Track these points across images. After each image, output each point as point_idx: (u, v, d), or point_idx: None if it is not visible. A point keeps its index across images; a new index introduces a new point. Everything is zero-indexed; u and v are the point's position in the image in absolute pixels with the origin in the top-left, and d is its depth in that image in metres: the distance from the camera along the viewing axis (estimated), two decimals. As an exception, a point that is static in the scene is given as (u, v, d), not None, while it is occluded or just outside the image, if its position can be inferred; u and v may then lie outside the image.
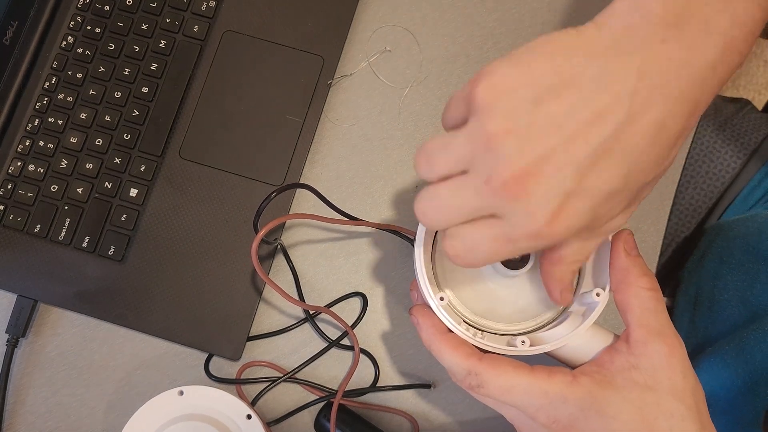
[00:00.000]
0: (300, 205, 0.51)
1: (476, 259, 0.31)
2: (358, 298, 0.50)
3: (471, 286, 0.40)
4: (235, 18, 0.53)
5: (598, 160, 0.28)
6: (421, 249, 0.39)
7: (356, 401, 0.49)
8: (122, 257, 0.49)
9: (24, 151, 0.51)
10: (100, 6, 0.53)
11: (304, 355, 0.49)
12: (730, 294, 0.53)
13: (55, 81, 0.52)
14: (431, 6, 0.54)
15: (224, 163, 0.51)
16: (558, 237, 0.29)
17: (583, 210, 0.29)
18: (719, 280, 0.55)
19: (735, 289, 0.53)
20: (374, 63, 0.54)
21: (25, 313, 0.49)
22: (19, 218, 0.50)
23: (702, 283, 0.57)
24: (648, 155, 0.28)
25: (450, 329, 0.38)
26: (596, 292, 0.36)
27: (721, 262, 0.55)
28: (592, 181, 0.28)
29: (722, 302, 0.54)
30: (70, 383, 0.49)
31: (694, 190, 0.62)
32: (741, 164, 0.61)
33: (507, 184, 0.28)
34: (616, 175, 0.28)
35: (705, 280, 0.56)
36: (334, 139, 0.52)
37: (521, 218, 0.29)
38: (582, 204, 0.28)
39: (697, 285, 0.57)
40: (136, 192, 0.50)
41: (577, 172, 0.28)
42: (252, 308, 0.49)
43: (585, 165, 0.28)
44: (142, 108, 0.51)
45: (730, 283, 0.54)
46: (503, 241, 0.30)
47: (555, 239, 0.29)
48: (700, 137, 0.62)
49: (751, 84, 1.28)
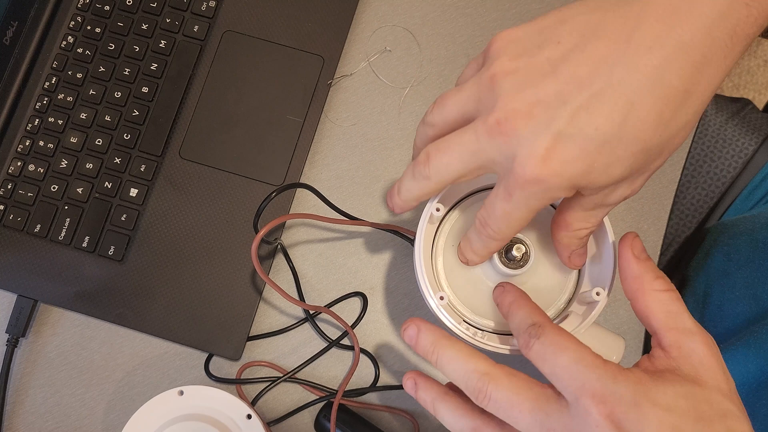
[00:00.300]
0: (300, 205, 0.51)
1: (496, 222, 0.31)
2: (358, 297, 0.50)
3: (471, 285, 0.40)
4: (235, 18, 0.53)
5: (591, 103, 0.28)
6: (420, 248, 0.39)
7: (356, 401, 0.49)
8: (122, 257, 0.49)
9: (24, 151, 0.51)
10: (100, 6, 0.53)
11: (304, 355, 0.49)
12: (739, 291, 0.53)
13: (55, 81, 0.52)
14: (431, 6, 0.54)
15: (224, 163, 0.51)
16: (551, 184, 0.29)
17: (575, 153, 0.28)
18: (727, 278, 0.55)
19: (744, 286, 0.53)
20: (374, 63, 0.54)
21: (25, 313, 0.49)
22: (19, 218, 0.50)
23: (710, 281, 0.57)
24: (647, 106, 0.28)
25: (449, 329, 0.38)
26: (596, 291, 0.36)
27: (729, 259, 0.55)
28: (583, 122, 0.28)
29: (732, 299, 0.54)
30: (70, 383, 0.49)
31: (696, 190, 0.62)
32: (742, 164, 0.61)
33: (499, 122, 0.28)
34: (608, 120, 0.28)
35: (713, 278, 0.56)
36: (334, 139, 0.52)
37: (513, 162, 0.29)
38: (573, 146, 0.28)
39: (705, 283, 0.57)
40: (136, 192, 0.50)
41: (567, 113, 0.28)
42: (252, 308, 0.49)
43: (576, 107, 0.28)
44: (142, 108, 0.51)
45: (738, 280, 0.54)
46: (504, 197, 0.30)
47: (548, 186, 0.29)
48: (701, 137, 0.62)
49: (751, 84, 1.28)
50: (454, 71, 0.53)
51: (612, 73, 0.28)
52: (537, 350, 0.31)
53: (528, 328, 0.32)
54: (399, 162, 0.52)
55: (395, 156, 0.52)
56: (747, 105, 0.65)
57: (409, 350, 0.50)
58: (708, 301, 0.56)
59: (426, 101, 0.53)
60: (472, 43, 0.54)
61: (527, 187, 0.29)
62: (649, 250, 0.51)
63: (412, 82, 0.53)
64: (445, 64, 0.53)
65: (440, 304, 0.38)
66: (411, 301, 0.50)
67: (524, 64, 0.29)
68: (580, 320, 0.37)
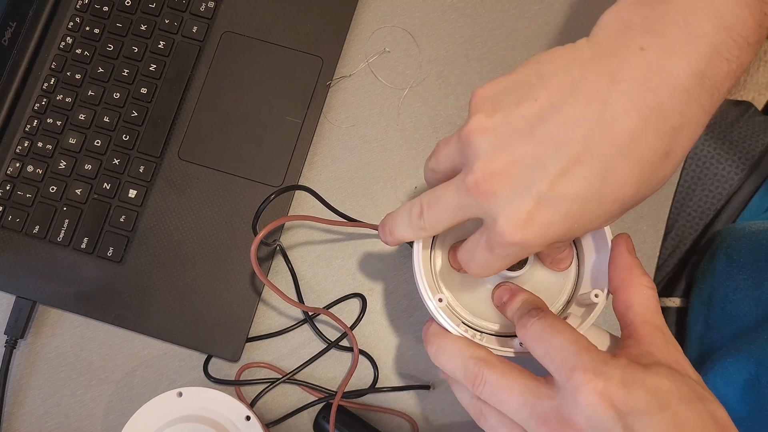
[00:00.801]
0: (299, 207, 0.51)
1: (475, 268, 0.32)
2: (357, 299, 0.50)
3: (470, 287, 0.40)
4: (234, 19, 0.53)
5: (570, 168, 0.28)
6: (419, 250, 0.39)
7: (355, 402, 0.49)
8: (121, 258, 0.49)
9: (23, 152, 0.51)
10: (99, 7, 0.53)
11: (303, 356, 0.49)
12: (741, 294, 0.53)
13: (54, 82, 0.52)
14: (430, 7, 0.54)
15: (223, 164, 0.51)
16: (532, 245, 0.29)
17: (557, 216, 0.28)
18: (730, 280, 0.55)
19: (746, 288, 0.53)
20: (373, 64, 0.53)
21: (23, 314, 0.49)
22: (18, 219, 0.50)
23: (715, 283, 0.57)
24: (626, 170, 0.28)
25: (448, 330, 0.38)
26: (595, 293, 0.36)
27: (731, 261, 0.55)
28: (564, 187, 0.28)
29: (734, 302, 0.54)
30: (69, 384, 0.49)
31: (702, 193, 0.62)
32: (749, 167, 0.61)
33: (478, 182, 0.29)
34: (589, 185, 0.28)
35: (717, 280, 0.57)
36: (333, 140, 0.52)
37: (495, 222, 0.29)
38: (555, 210, 0.28)
39: (710, 286, 0.57)
40: (134, 193, 0.50)
41: (547, 177, 0.28)
42: (251, 309, 0.49)
43: (555, 171, 0.28)
44: (140, 109, 0.51)
45: (740, 283, 0.54)
46: (485, 249, 0.31)
47: (529, 247, 0.29)
48: (707, 140, 0.63)
49: (751, 84, 1.28)
50: (454, 72, 0.53)
51: (588, 137, 0.27)
52: (534, 330, 0.32)
53: (530, 311, 0.33)
54: (398, 163, 0.52)
55: (394, 157, 0.52)
56: (749, 108, 0.65)
57: (408, 351, 0.50)
58: (713, 303, 0.57)
59: (425, 102, 0.53)
60: (471, 44, 0.54)
61: (508, 248, 0.30)
62: (648, 252, 0.51)
63: (411, 83, 0.53)
64: (444, 65, 0.53)
65: (439, 306, 0.38)
66: (410, 303, 0.50)
67: (501, 122, 0.29)
68: (579, 322, 0.37)
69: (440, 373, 0.47)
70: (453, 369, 0.34)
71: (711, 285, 0.57)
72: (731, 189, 0.62)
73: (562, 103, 0.28)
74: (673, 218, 0.63)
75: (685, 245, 0.63)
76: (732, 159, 0.62)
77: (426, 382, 0.49)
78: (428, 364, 0.49)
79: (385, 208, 0.51)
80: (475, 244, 0.32)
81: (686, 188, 0.63)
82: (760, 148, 0.62)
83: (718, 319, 0.56)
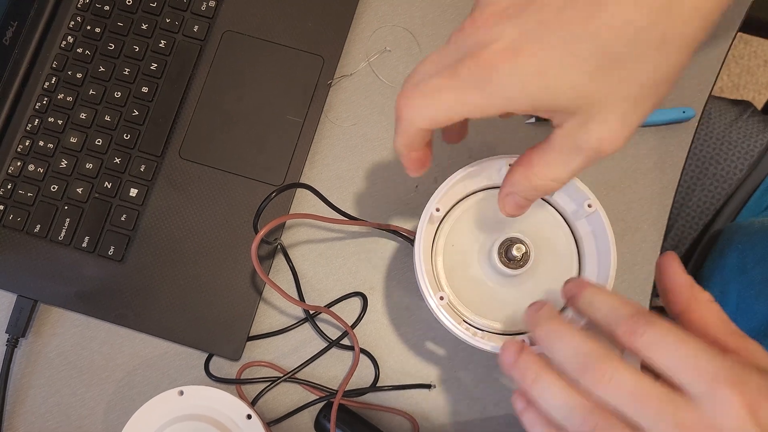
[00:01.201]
0: (300, 205, 0.51)
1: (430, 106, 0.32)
2: (358, 298, 0.50)
3: (471, 285, 0.40)
4: (235, 18, 0.53)
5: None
6: (420, 249, 0.39)
7: (356, 401, 0.49)
8: (122, 257, 0.49)
9: (24, 151, 0.51)
10: (100, 6, 0.53)
11: (304, 355, 0.49)
12: (756, 289, 0.53)
13: (55, 81, 0.52)
14: (431, 6, 0.54)
15: (224, 163, 0.51)
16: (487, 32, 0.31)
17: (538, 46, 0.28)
18: (744, 275, 0.55)
19: (761, 282, 0.53)
20: (374, 63, 0.54)
21: (25, 313, 0.49)
22: (19, 218, 0.50)
23: (726, 280, 0.57)
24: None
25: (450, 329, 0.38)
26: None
27: (744, 258, 0.55)
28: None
29: (748, 298, 0.54)
30: (70, 383, 0.49)
31: (702, 192, 0.62)
32: (749, 167, 0.61)
33: (474, 19, 0.31)
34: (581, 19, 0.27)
35: (729, 276, 0.57)
36: (334, 139, 0.52)
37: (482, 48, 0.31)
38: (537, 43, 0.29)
39: (721, 283, 0.57)
40: (135, 192, 0.50)
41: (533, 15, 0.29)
42: (252, 308, 0.49)
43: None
44: (141, 108, 0.51)
45: (755, 278, 0.54)
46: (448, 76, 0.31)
47: (484, 36, 0.31)
48: (706, 139, 0.63)
49: (752, 84, 1.28)
50: (454, 71, 0.53)
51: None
52: (650, 339, 0.29)
53: (634, 315, 0.30)
54: (399, 162, 0.52)
55: (395, 156, 0.52)
56: (749, 108, 0.66)
57: (409, 351, 0.50)
58: (726, 300, 0.57)
59: (426, 101, 0.53)
60: (472, 43, 0.54)
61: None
62: (649, 251, 0.51)
63: (412, 82, 0.53)
64: (445, 64, 0.53)
65: (440, 304, 0.38)
66: (411, 301, 0.50)
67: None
68: (580, 319, 0.37)
69: (441, 371, 0.47)
70: (563, 360, 0.31)
71: (722, 282, 0.57)
72: (731, 188, 0.62)
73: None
74: (673, 218, 0.63)
75: (685, 245, 0.63)
76: (731, 158, 0.62)
77: (427, 382, 0.49)
78: (429, 363, 0.49)
79: (386, 207, 0.51)
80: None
81: (686, 188, 0.63)
82: (759, 147, 0.62)
83: (731, 316, 0.56)
